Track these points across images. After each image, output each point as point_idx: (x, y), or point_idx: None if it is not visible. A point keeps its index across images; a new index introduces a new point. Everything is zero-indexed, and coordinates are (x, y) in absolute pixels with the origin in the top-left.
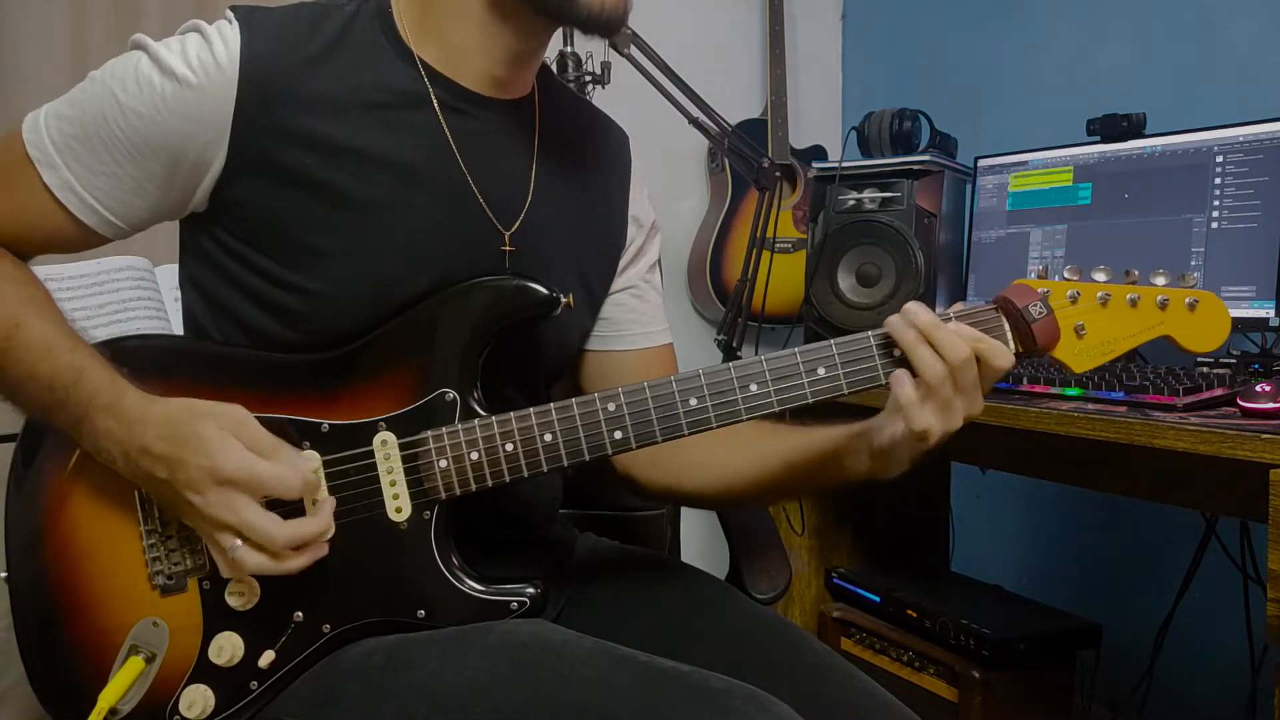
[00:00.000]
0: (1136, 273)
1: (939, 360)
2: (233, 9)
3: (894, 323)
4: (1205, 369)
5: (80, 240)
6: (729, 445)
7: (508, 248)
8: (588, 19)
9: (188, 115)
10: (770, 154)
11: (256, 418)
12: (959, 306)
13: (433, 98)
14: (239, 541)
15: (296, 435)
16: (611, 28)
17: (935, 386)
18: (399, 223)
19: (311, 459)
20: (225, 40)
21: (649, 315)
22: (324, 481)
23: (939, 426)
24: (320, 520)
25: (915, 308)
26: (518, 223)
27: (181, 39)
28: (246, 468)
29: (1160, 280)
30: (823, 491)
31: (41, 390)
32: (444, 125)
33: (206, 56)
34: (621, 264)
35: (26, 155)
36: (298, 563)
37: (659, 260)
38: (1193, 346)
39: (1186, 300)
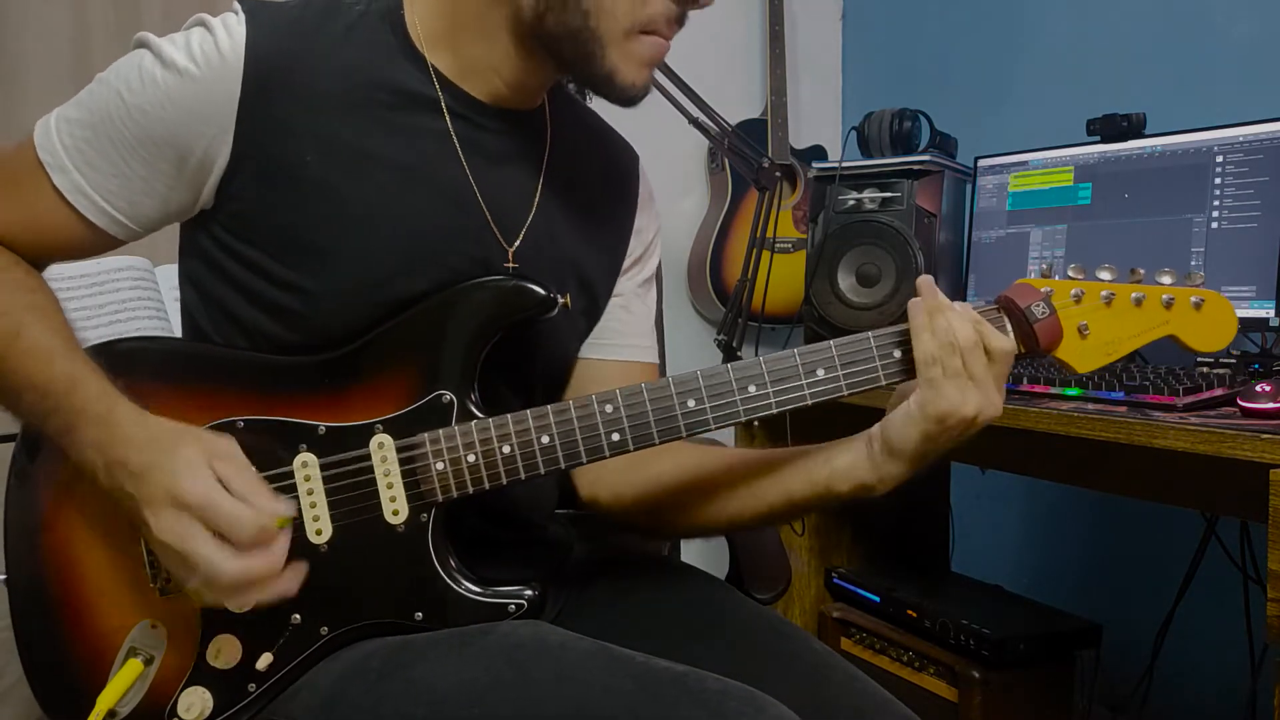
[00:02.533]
0: (1142, 271)
1: (950, 332)
2: (239, 1)
3: (915, 305)
4: (1205, 369)
5: (93, 244)
6: (722, 496)
7: (511, 264)
8: (616, 99)
9: (191, 108)
10: (770, 154)
11: (253, 419)
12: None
13: (442, 103)
14: (199, 577)
15: (293, 437)
16: (635, 103)
17: (944, 356)
18: (399, 225)
19: (287, 506)
20: (230, 32)
21: (633, 329)
22: (320, 482)
23: (955, 397)
24: (269, 557)
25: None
26: (520, 236)
27: (186, 33)
28: (205, 495)
29: (1166, 279)
30: (814, 507)
31: (37, 398)
32: (452, 131)
33: (210, 47)
34: (620, 272)
35: (38, 160)
36: (246, 602)
37: (658, 276)
38: (1198, 346)
39: (1192, 299)
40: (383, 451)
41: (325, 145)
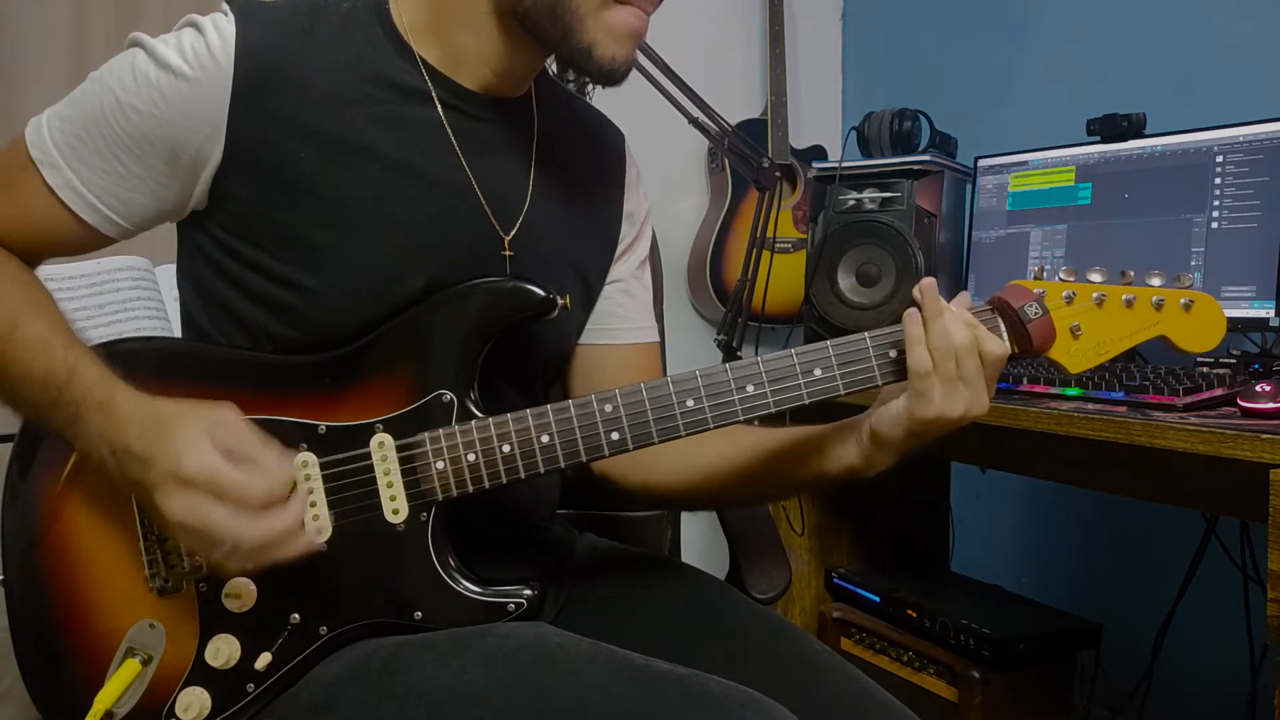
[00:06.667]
0: (1132, 273)
1: (946, 337)
2: (228, 1)
3: (911, 316)
4: (1205, 369)
5: (85, 241)
6: (706, 440)
7: (507, 252)
8: (599, 74)
9: (184, 109)
10: (770, 154)
11: (253, 419)
12: (962, 297)
13: (433, 95)
14: (225, 546)
15: (293, 437)
16: (618, 79)
17: (940, 361)
18: (397, 219)
19: (296, 462)
20: (220, 32)
21: (636, 312)
22: (320, 481)
23: (939, 403)
24: (287, 515)
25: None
26: (517, 224)
27: (178, 34)
28: (208, 468)
29: (1156, 281)
30: (808, 489)
31: (36, 389)
32: (445, 123)
33: (202, 49)
34: (614, 258)
35: (30, 157)
36: (277, 559)
37: (649, 257)
38: (1188, 347)
39: (1182, 301)
40: (383, 451)
41: (319, 142)
